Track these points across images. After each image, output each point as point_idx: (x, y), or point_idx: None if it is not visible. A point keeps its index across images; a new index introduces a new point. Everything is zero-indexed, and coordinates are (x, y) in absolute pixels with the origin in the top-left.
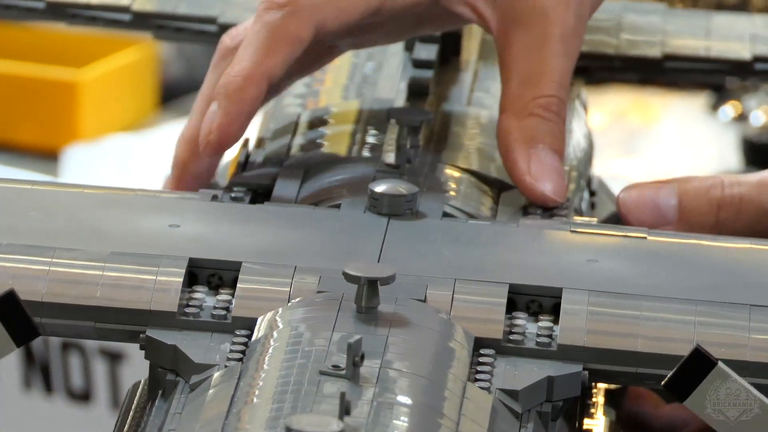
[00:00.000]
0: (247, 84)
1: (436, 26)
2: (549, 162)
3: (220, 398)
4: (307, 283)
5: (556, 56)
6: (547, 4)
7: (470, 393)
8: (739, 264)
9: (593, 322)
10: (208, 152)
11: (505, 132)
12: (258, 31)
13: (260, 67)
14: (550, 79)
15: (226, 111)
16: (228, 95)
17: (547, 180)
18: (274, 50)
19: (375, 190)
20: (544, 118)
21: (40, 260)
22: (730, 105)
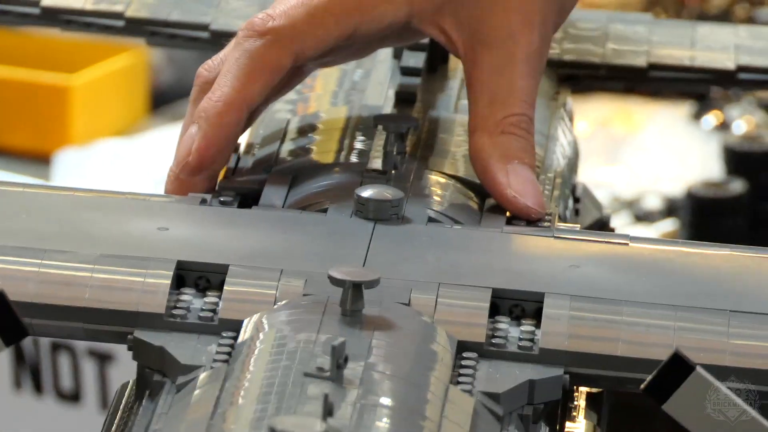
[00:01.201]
0: (228, 109)
1: (403, 42)
2: (526, 176)
3: (206, 399)
4: (293, 286)
5: (523, 76)
6: (513, 26)
7: (452, 395)
8: (718, 270)
9: (574, 326)
10: (185, 173)
11: (479, 150)
12: (238, 59)
13: (240, 94)
14: (519, 98)
15: (205, 134)
16: (208, 119)
17: (528, 193)
18: (254, 78)
19: (361, 195)
20: (516, 135)
21: (31, 262)
22: (713, 114)
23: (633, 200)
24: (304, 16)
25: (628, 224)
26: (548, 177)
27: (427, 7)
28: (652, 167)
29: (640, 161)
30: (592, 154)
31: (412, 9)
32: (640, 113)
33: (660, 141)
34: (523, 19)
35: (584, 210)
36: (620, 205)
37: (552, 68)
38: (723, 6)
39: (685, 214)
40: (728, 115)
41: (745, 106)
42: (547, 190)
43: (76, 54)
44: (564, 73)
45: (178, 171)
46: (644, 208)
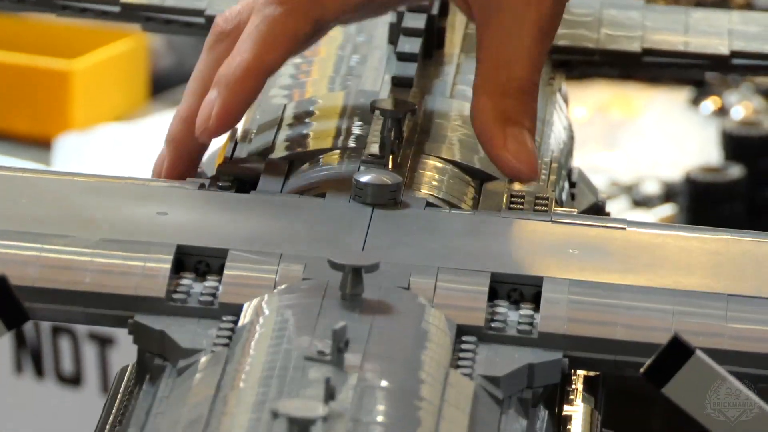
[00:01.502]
0: (247, 77)
1: (420, 1)
2: (524, 140)
3: (207, 383)
4: (293, 270)
5: (532, 41)
6: None
7: (452, 379)
8: (716, 255)
9: (573, 310)
10: (204, 137)
11: (481, 111)
12: (258, 25)
13: (260, 62)
14: (525, 62)
15: (224, 101)
16: (228, 86)
17: (523, 157)
18: (274, 45)
19: (359, 180)
20: (519, 99)
21: (32, 246)
22: (711, 100)
23: (631, 185)
24: None
25: (627, 209)
26: (544, 162)
27: None
28: (651, 152)
29: (638, 146)
30: (591, 140)
31: None
32: (638, 99)
33: (658, 126)
34: None
35: (580, 194)
36: (618, 190)
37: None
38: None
39: (683, 199)
40: (727, 100)
41: (744, 91)
42: (543, 175)
43: (76, 39)
44: (558, 58)
45: (198, 134)
46: (642, 193)
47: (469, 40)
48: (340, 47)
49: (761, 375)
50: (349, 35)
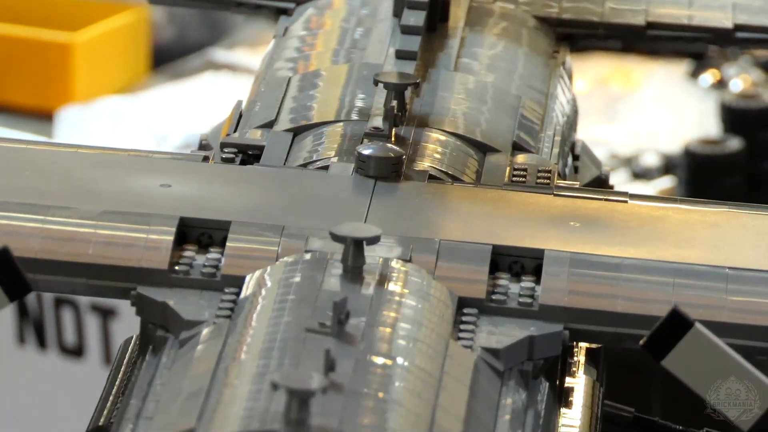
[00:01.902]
0: None
1: None
2: None
3: (209, 354)
4: (295, 242)
5: None
6: None
7: (453, 351)
8: (716, 227)
9: (574, 283)
10: None
11: None
12: None
13: None
14: None
15: None
16: None
17: None
18: None
19: (362, 152)
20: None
21: (35, 218)
22: (710, 73)
23: (631, 158)
24: None
25: (626, 181)
26: (547, 134)
27: None
28: (650, 125)
29: (637, 119)
30: (591, 112)
31: None
32: (637, 72)
33: (658, 99)
34: None
35: (583, 167)
36: (618, 163)
37: (550, 27)
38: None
39: (682, 171)
40: (725, 73)
41: (742, 64)
42: (546, 148)
43: (78, 12)
44: (562, 31)
45: None
46: (642, 166)
47: (473, 13)
48: (344, 20)
49: (760, 347)
50: (354, 8)
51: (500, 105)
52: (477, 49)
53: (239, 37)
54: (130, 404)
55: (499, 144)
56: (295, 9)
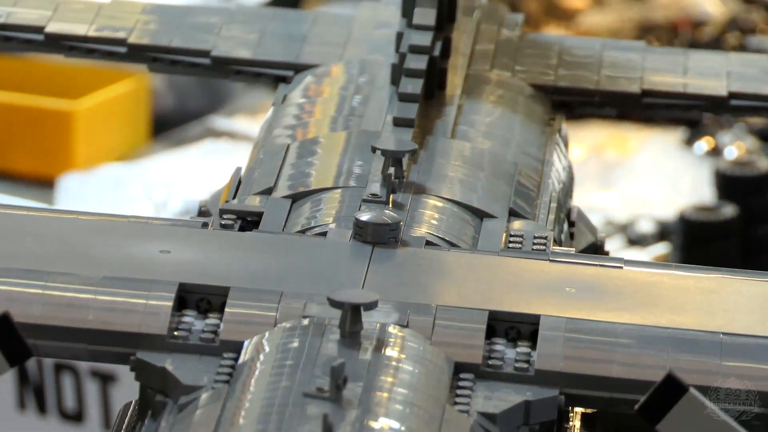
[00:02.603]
0: None
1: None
2: None
3: (207, 419)
4: (293, 308)
5: None
6: None
7: (449, 416)
8: (710, 293)
9: (570, 348)
10: None
11: None
12: None
13: None
14: None
15: None
16: None
17: None
18: None
19: (360, 219)
20: None
21: (35, 284)
22: (704, 140)
23: (626, 224)
24: None
25: (622, 248)
26: (543, 201)
27: None
28: (645, 192)
29: (633, 186)
30: (586, 179)
31: None
32: (633, 139)
33: (653, 166)
34: None
35: (579, 233)
36: (614, 229)
37: (546, 94)
38: (715, 34)
39: (677, 237)
40: (720, 141)
41: (737, 132)
42: (542, 214)
43: (79, 80)
44: (559, 99)
45: None
46: (637, 232)
47: (470, 80)
48: (343, 88)
49: (755, 412)
50: (352, 76)
51: (497, 172)
52: (474, 117)
53: (239, 104)
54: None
55: (495, 210)
56: (293, 77)
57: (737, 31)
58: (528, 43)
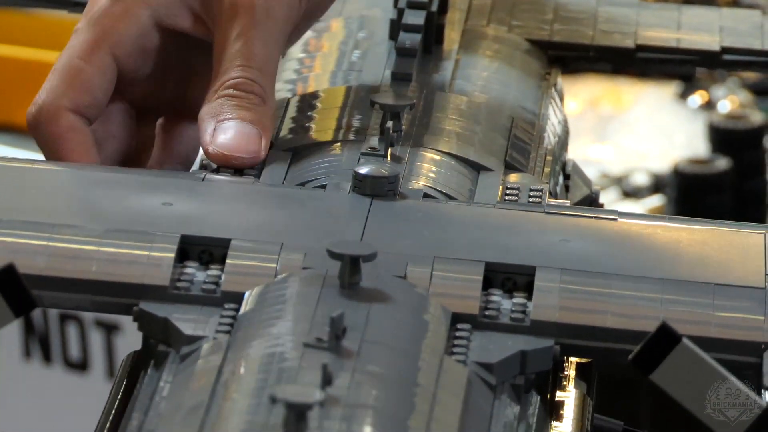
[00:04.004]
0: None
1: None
2: (235, 129)
3: (209, 369)
4: (293, 259)
5: (243, 44)
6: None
7: (447, 365)
8: (704, 245)
9: (565, 299)
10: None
11: (199, 117)
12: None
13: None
14: (236, 63)
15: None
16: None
17: (231, 145)
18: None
19: (359, 172)
20: (233, 97)
21: (40, 236)
22: (698, 94)
23: (621, 177)
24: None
25: (617, 200)
26: (539, 155)
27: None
28: (640, 145)
29: (628, 139)
30: (582, 133)
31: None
32: (627, 93)
33: (647, 120)
34: None
35: (574, 186)
36: (609, 182)
37: (542, 49)
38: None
39: (671, 190)
40: (713, 94)
41: (730, 86)
42: (538, 167)
43: None
44: (554, 54)
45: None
46: (632, 185)
47: (467, 35)
48: (342, 43)
49: (746, 362)
50: (351, 31)
51: (493, 125)
52: (471, 71)
53: None
54: (132, 418)
55: (491, 163)
56: None
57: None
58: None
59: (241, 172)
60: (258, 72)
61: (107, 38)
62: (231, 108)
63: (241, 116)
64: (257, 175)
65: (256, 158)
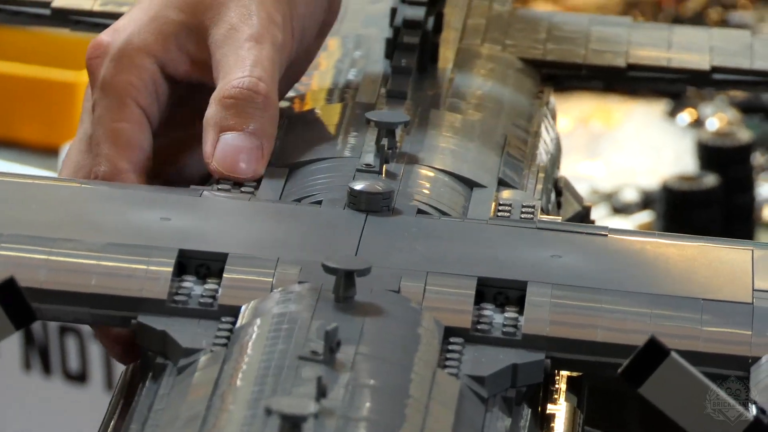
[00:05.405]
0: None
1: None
2: (234, 144)
3: (206, 381)
4: (289, 274)
5: (247, 50)
6: (230, 5)
7: (439, 378)
8: (692, 260)
9: (555, 313)
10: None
11: (204, 120)
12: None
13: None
14: (239, 64)
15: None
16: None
17: (229, 163)
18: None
19: (354, 188)
20: (237, 101)
21: (41, 250)
22: (687, 112)
23: (611, 193)
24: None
25: (606, 216)
26: (532, 171)
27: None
28: (629, 162)
29: (617, 156)
30: (573, 150)
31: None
32: (617, 111)
33: (637, 137)
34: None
35: (566, 203)
36: (599, 198)
37: (535, 68)
38: (697, 9)
39: (660, 206)
40: (702, 112)
41: (718, 104)
42: (530, 184)
43: (83, 52)
44: (547, 72)
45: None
46: (621, 201)
47: (462, 54)
48: (339, 61)
49: (734, 376)
50: (347, 50)
51: (487, 143)
52: (465, 90)
53: None
54: (130, 429)
55: (485, 180)
56: None
57: (719, 6)
58: (518, 18)
59: (240, 183)
60: (263, 72)
61: (128, 93)
62: (234, 116)
63: (243, 126)
64: (255, 186)
65: (256, 173)
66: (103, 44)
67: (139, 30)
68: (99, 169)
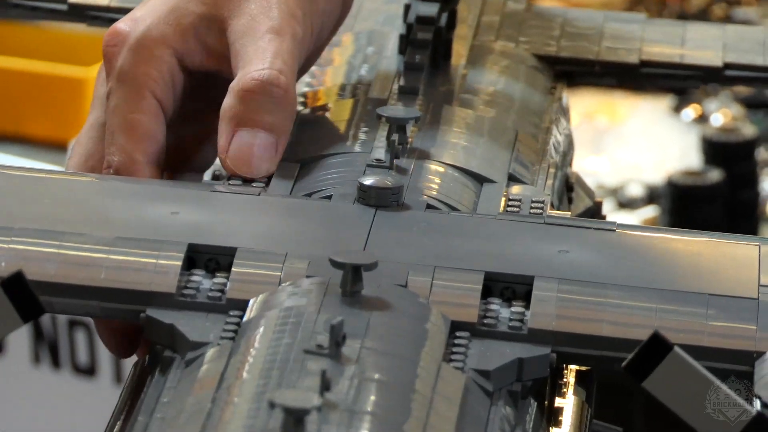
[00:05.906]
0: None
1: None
2: (248, 141)
3: (212, 374)
4: (297, 268)
5: (268, 42)
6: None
7: (445, 372)
8: (698, 256)
9: (562, 308)
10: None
11: (221, 111)
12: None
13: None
14: (260, 56)
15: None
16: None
17: (242, 160)
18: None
19: (363, 183)
20: (255, 94)
21: (51, 243)
22: (692, 107)
23: (616, 188)
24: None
25: (612, 211)
26: (542, 167)
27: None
28: (634, 157)
29: (622, 151)
30: (579, 145)
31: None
32: (623, 106)
33: (642, 132)
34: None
35: (577, 198)
36: (604, 193)
37: (549, 64)
38: (702, 6)
39: (665, 201)
40: (706, 108)
41: (723, 99)
42: (540, 180)
43: (92, 48)
44: (560, 69)
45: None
46: (627, 196)
47: (475, 51)
48: (352, 57)
49: (738, 371)
50: (360, 46)
51: (497, 138)
52: (477, 86)
53: None
54: (138, 421)
55: (494, 175)
56: None
57: (723, 2)
58: (532, 14)
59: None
60: (283, 64)
61: (146, 84)
62: (252, 111)
63: (260, 122)
64: (267, 182)
65: (269, 172)
66: (121, 33)
67: (159, 21)
68: (113, 159)
